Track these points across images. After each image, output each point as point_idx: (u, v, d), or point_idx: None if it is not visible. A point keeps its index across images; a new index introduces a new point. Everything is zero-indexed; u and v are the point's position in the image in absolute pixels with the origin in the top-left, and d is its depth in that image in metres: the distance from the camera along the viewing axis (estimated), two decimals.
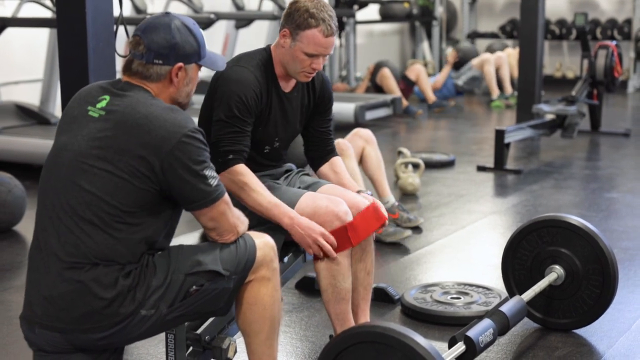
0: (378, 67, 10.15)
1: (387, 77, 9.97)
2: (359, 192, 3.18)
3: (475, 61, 10.75)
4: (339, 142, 4.44)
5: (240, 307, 2.58)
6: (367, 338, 2.38)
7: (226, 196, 2.45)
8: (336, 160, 3.31)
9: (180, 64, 2.45)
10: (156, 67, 2.43)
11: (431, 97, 10.25)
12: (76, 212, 2.32)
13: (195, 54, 2.48)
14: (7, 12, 6.91)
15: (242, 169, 2.94)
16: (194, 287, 2.40)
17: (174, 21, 2.45)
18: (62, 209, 2.34)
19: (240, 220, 2.53)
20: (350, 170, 3.99)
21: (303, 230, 2.91)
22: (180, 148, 2.32)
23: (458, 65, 10.77)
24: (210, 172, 2.38)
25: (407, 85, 10.21)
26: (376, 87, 10.11)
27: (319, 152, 3.31)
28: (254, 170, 3.03)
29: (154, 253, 2.41)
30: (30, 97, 7.68)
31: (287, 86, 3.13)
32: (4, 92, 7.59)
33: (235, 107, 2.94)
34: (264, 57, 3.08)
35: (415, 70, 10.29)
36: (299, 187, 3.20)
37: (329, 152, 3.31)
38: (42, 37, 7.43)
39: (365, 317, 3.24)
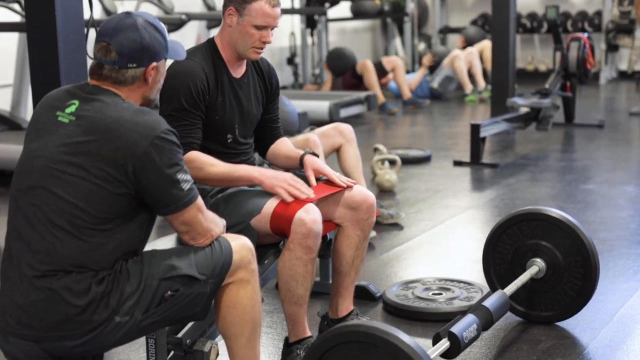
0: (335, 55, 10.11)
1: (369, 71, 9.93)
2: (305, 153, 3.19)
3: (445, 60, 10.76)
4: (308, 138, 4.33)
5: (219, 310, 2.54)
6: (351, 338, 2.34)
7: (199, 200, 2.40)
8: (281, 140, 3.35)
9: (154, 63, 2.42)
10: (130, 71, 2.39)
11: (407, 93, 10.24)
12: (49, 220, 2.28)
13: (163, 50, 2.45)
14: None
15: (194, 155, 2.96)
16: (169, 292, 2.36)
17: (138, 20, 2.39)
18: (35, 217, 2.30)
19: (215, 223, 2.49)
20: None
21: (272, 178, 2.94)
22: (152, 150, 2.28)
23: (432, 68, 10.77)
24: (183, 176, 2.34)
25: (380, 74, 10.13)
26: (357, 77, 10.02)
27: (268, 141, 3.35)
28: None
29: (128, 259, 2.36)
30: (1, 102, 7.58)
31: (237, 72, 3.14)
32: None
33: (184, 99, 2.96)
34: (207, 47, 3.11)
35: (393, 62, 10.24)
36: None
37: (276, 137, 3.36)
38: (11, 42, 7.34)
39: (350, 302, 3.29)
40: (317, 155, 3.22)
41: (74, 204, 2.27)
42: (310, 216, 2.89)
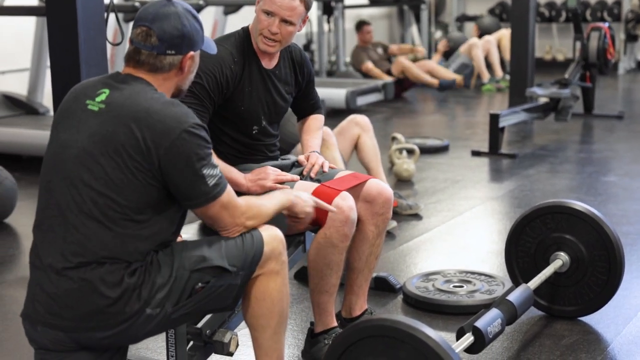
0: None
1: (409, 67, 9.94)
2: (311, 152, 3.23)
3: (463, 47, 10.68)
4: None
5: (247, 301, 2.50)
6: (376, 332, 2.31)
7: (224, 196, 2.35)
8: (312, 118, 3.37)
9: (192, 52, 2.39)
10: (169, 58, 2.36)
11: (433, 81, 10.14)
12: (82, 210, 2.25)
13: (200, 40, 2.42)
14: None
15: None
16: (200, 284, 2.32)
17: (179, 8, 2.38)
18: (68, 208, 2.26)
19: (247, 216, 2.44)
20: (331, 160, 3.90)
21: (253, 181, 2.98)
22: (179, 144, 2.24)
23: (447, 54, 10.69)
24: (209, 171, 2.30)
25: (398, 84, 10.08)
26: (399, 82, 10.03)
27: (305, 113, 3.40)
28: (249, 157, 3.07)
29: (159, 250, 2.33)
30: (18, 86, 7.56)
31: (269, 63, 3.10)
32: None
33: (206, 81, 2.93)
34: (240, 35, 3.09)
35: (399, 67, 10.14)
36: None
37: (311, 111, 3.39)
38: (29, 26, 7.31)
39: (364, 300, 3.24)
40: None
41: (106, 195, 2.24)
42: (347, 203, 2.89)
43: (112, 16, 3.80)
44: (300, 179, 3.09)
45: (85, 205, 2.24)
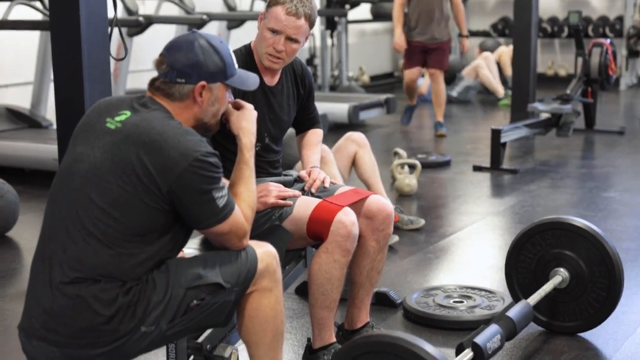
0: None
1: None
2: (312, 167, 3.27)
3: (466, 70, 10.72)
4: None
5: (241, 317, 2.52)
6: (375, 347, 2.32)
7: (232, 218, 2.38)
8: (311, 132, 3.40)
9: (203, 82, 2.40)
10: (178, 86, 2.40)
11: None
12: (84, 227, 2.27)
13: (220, 73, 2.43)
14: None
15: None
16: (195, 301, 2.34)
17: (199, 40, 2.42)
18: (72, 221, 2.29)
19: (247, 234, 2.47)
20: (330, 177, 3.92)
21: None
22: (189, 173, 2.27)
23: (448, 79, 10.64)
24: (218, 193, 2.33)
25: None
26: None
27: (304, 127, 3.42)
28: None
29: (154, 268, 2.34)
30: (21, 100, 7.59)
31: (271, 80, 3.14)
32: None
33: None
34: (243, 52, 3.13)
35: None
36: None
37: (310, 125, 3.42)
38: (32, 39, 7.35)
39: (367, 313, 3.26)
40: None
41: (109, 214, 2.26)
42: (349, 218, 2.91)
43: (115, 31, 3.83)
44: (302, 195, 3.11)
45: (87, 220, 2.26)
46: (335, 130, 7.78)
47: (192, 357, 2.74)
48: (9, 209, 4.96)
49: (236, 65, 2.51)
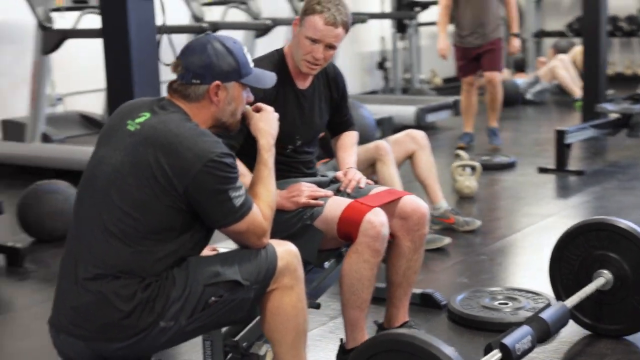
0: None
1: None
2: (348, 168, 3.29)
3: (542, 72, 10.58)
4: (379, 145, 4.21)
5: (264, 315, 2.57)
6: (394, 346, 2.34)
7: (249, 216, 2.43)
8: (346, 135, 3.43)
9: (218, 82, 2.47)
10: (194, 87, 2.46)
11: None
12: (106, 227, 2.35)
13: (233, 72, 2.49)
14: (67, 23, 7.03)
15: None
16: (213, 298, 2.39)
17: (212, 42, 2.49)
18: (95, 222, 2.37)
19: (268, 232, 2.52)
20: (387, 177, 3.95)
21: (286, 199, 3.03)
22: (204, 174, 2.33)
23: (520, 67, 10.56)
24: (235, 193, 2.38)
25: None
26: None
27: (338, 130, 3.46)
28: (286, 173, 3.11)
29: (175, 266, 2.41)
30: (94, 106, 7.80)
31: (303, 83, 3.18)
32: (69, 102, 7.73)
33: None
34: (275, 56, 3.17)
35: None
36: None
37: (345, 128, 3.46)
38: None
39: (405, 313, 3.27)
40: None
41: (129, 214, 2.34)
42: (379, 219, 2.92)
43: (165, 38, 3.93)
44: (337, 195, 3.14)
45: (109, 222, 2.34)
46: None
47: (229, 355, 2.80)
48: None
49: (251, 65, 2.56)
